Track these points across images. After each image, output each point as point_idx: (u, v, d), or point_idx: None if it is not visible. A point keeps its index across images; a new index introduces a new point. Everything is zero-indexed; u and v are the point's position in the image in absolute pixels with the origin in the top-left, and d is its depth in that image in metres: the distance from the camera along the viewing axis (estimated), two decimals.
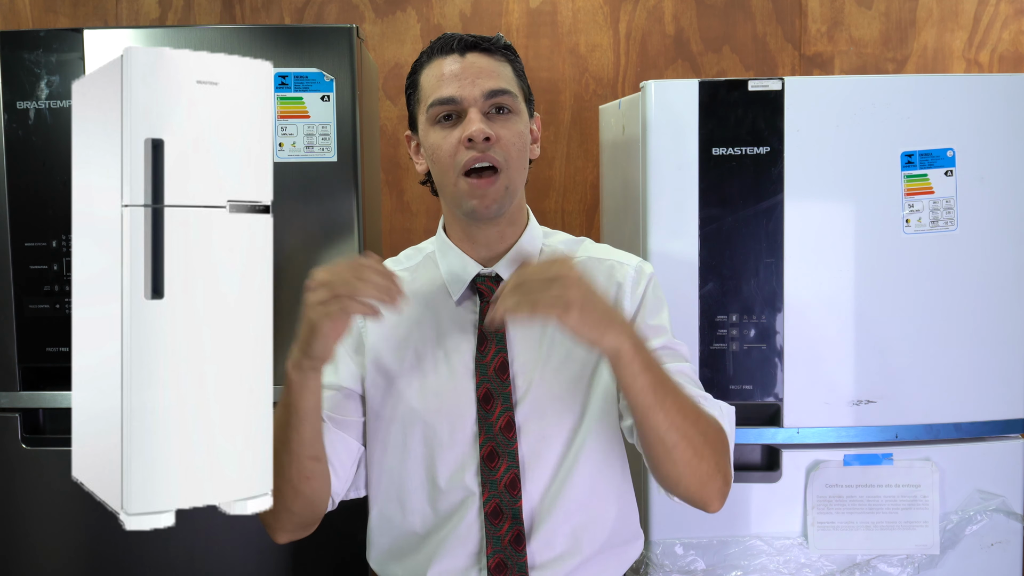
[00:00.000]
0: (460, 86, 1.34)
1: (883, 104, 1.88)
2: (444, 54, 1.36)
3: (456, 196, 1.37)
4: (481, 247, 1.42)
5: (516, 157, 1.36)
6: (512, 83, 1.38)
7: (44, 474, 1.89)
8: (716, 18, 2.65)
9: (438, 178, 1.39)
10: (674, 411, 1.23)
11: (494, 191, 1.34)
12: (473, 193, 1.34)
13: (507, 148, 1.34)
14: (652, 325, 1.41)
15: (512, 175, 1.36)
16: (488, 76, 1.35)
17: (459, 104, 1.34)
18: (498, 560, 1.34)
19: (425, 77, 1.38)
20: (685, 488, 1.30)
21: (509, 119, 1.36)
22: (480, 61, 1.36)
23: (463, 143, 1.33)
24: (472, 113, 1.33)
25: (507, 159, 1.35)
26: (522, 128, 1.38)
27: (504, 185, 1.35)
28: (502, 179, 1.35)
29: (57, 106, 1.84)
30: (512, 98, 1.36)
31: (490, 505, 1.35)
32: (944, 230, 1.90)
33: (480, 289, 1.41)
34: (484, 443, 1.35)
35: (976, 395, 1.92)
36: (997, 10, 2.65)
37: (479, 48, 1.36)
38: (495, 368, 1.37)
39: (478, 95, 1.34)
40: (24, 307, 1.86)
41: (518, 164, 1.37)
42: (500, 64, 1.37)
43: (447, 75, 1.35)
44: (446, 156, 1.35)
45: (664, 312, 1.44)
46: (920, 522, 1.91)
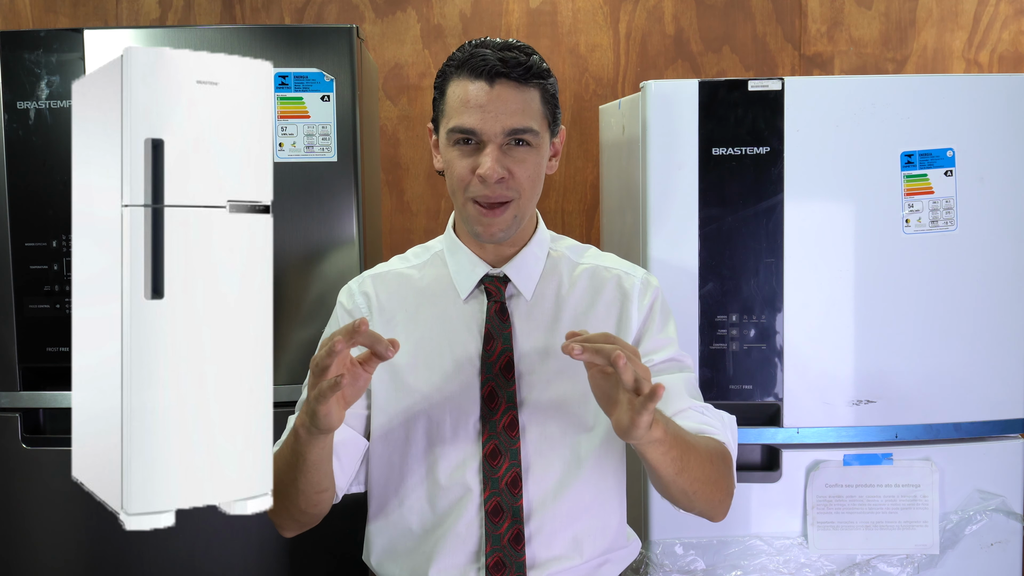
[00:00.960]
0: (483, 119, 1.32)
1: (883, 104, 1.88)
2: (474, 76, 1.33)
3: (464, 215, 1.39)
4: (489, 250, 1.44)
5: (529, 189, 1.37)
6: (536, 116, 1.35)
7: (44, 474, 1.89)
8: (716, 18, 2.65)
9: (450, 190, 1.41)
10: (695, 467, 1.28)
11: (501, 221, 1.36)
12: (480, 221, 1.36)
13: (521, 183, 1.35)
14: (660, 338, 1.44)
15: (523, 205, 1.38)
16: (512, 113, 1.32)
17: (478, 137, 1.34)
18: (497, 559, 1.35)
19: (451, 93, 1.36)
20: (699, 511, 1.37)
21: (528, 154, 1.35)
22: (507, 93, 1.32)
23: (476, 177, 1.34)
24: (489, 150, 1.32)
25: (519, 192, 1.36)
26: (539, 160, 1.38)
27: (513, 215, 1.37)
28: (512, 209, 1.37)
29: (57, 106, 1.84)
30: (533, 135, 1.35)
31: (491, 503, 1.35)
32: (944, 230, 1.90)
33: (488, 289, 1.42)
34: (487, 441, 1.36)
35: (976, 395, 1.92)
36: (997, 10, 2.65)
37: (509, 77, 1.32)
38: (500, 367, 1.38)
39: (498, 131, 1.32)
40: (24, 307, 1.86)
41: (530, 195, 1.38)
42: (529, 95, 1.34)
43: (472, 103, 1.32)
44: (458, 180, 1.36)
45: (671, 324, 1.47)
46: (920, 522, 1.91)
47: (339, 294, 1.48)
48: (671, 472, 1.25)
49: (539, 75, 1.35)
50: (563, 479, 1.38)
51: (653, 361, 1.42)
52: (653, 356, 1.42)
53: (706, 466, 1.30)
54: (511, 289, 1.43)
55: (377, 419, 1.41)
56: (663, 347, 1.43)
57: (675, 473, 1.25)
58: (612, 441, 1.41)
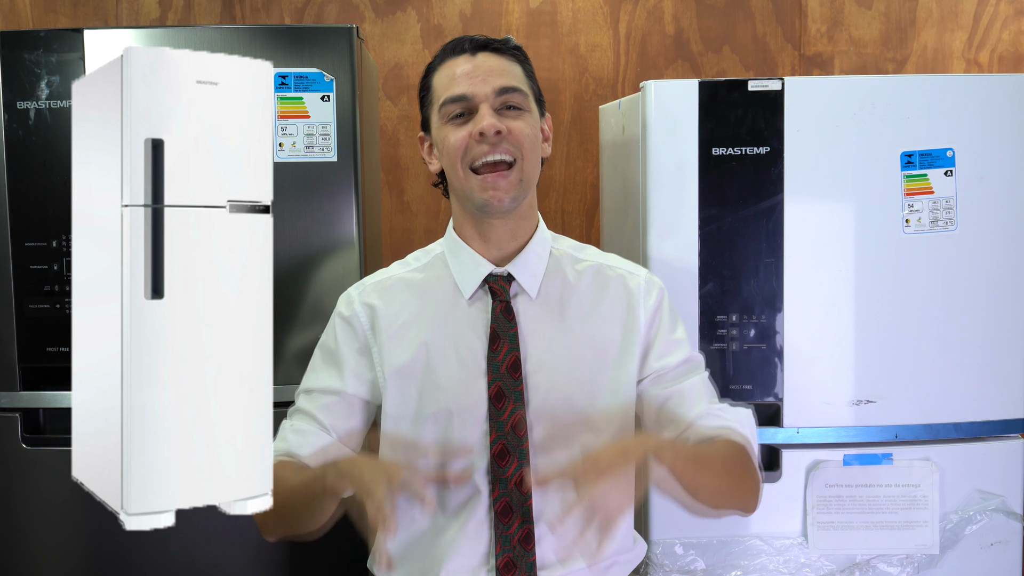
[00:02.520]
0: (471, 84, 1.35)
1: (883, 104, 1.88)
2: (456, 55, 1.39)
3: (467, 191, 1.37)
4: (493, 246, 1.42)
5: (530, 149, 1.37)
6: (523, 82, 1.40)
7: (44, 474, 1.89)
8: (716, 18, 2.65)
9: (449, 174, 1.40)
10: (710, 481, 1.29)
11: (507, 183, 1.36)
12: (484, 186, 1.35)
13: (520, 140, 1.36)
14: (672, 340, 1.44)
15: (526, 167, 1.37)
16: (499, 74, 1.37)
17: (470, 101, 1.35)
18: (507, 559, 1.34)
19: (437, 78, 1.40)
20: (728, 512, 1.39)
21: (520, 115, 1.38)
22: (490, 60, 1.38)
23: (474, 138, 1.34)
24: (483, 109, 1.35)
25: (520, 150, 1.36)
26: (533, 123, 1.40)
27: (518, 178, 1.37)
28: (516, 172, 1.36)
29: (57, 106, 1.84)
30: (523, 96, 1.38)
31: (500, 503, 1.35)
32: (944, 230, 1.90)
33: (492, 288, 1.41)
34: (495, 441, 1.35)
35: (976, 395, 1.92)
36: (997, 10, 2.65)
37: (490, 48, 1.38)
38: (507, 366, 1.37)
39: (489, 92, 1.35)
40: (24, 307, 1.86)
41: (532, 157, 1.38)
42: (510, 63, 1.40)
43: (459, 74, 1.37)
44: (455, 149, 1.36)
45: (680, 325, 1.48)
46: (920, 522, 1.91)
47: (338, 301, 1.47)
48: (688, 496, 1.26)
49: (517, 50, 1.42)
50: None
51: (668, 366, 1.42)
52: (668, 360, 1.42)
53: (722, 477, 1.31)
54: (515, 288, 1.42)
55: (384, 423, 1.41)
56: (676, 350, 1.44)
57: (692, 495, 1.27)
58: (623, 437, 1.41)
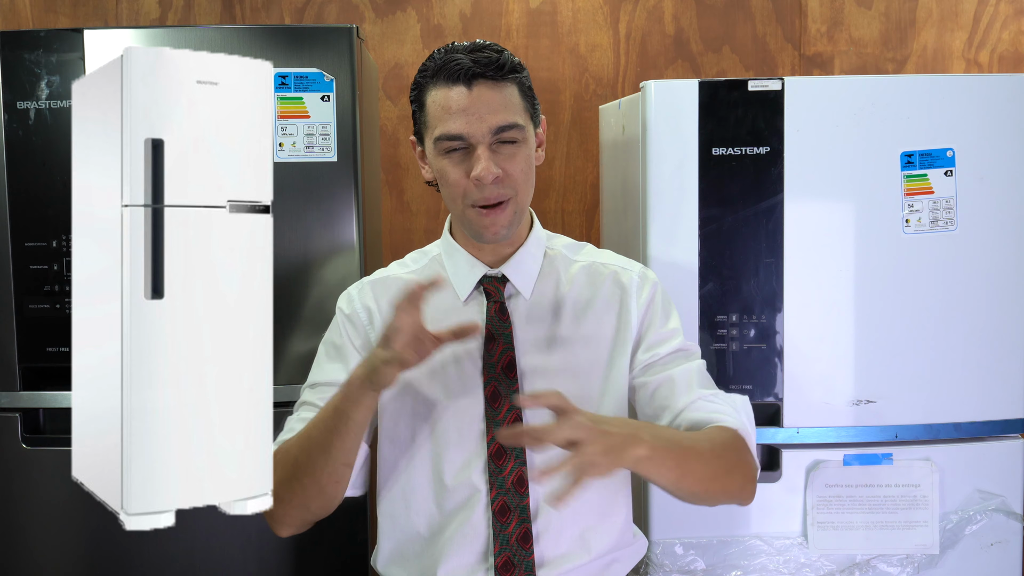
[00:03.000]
0: (468, 123, 1.33)
1: (883, 104, 1.88)
2: (450, 82, 1.35)
3: (464, 221, 1.40)
4: (488, 249, 1.45)
5: (523, 183, 1.39)
6: (519, 111, 1.37)
7: (44, 474, 1.89)
8: (716, 18, 2.65)
9: (447, 201, 1.42)
10: (698, 467, 1.28)
11: (503, 219, 1.38)
12: (482, 223, 1.37)
13: (516, 179, 1.37)
14: (664, 331, 1.45)
15: (520, 200, 1.39)
16: (495, 111, 1.34)
17: (466, 141, 1.35)
18: (505, 559, 1.35)
19: (432, 102, 1.37)
20: (721, 503, 1.38)
21: (517, 148, 1.37)
22: (487, 94, 1.34)
23: (472, 182, 1.35)
24: (480, 151, 1.34)
25: (515, 189, 1.37)
26: (528, 154, 1.40)
27: (513, 211, 1.39)
28: (511, 205, 1.38)
29: (57, 106, 1.84)
30: (519, 130, 1.36)
31: (498, 503, 1.36)
32: (944, 230, 1.90)
33: (487, 289, 1.43)
34: (491, 441, 1.36)
35: (976, 395, 1.92)
36: (997, 10, 2.65)
37: (485, 77, 1.34)
38: (503, 366, 1.39)
39: (486, 131, 1.34)
40: (24, 307, 1.86)
41: (525, 189, 1.40)
42: (507, 90, 1.36)
43: (454, 109, 1.34)
44: (454, 187, 1.37)
45: (674, 315, 1.48)
46: (920, 522, 1.91)
47: (339, 300, 1.49)
48: (670, 481, 1.25)
49: (513, 69, 1.37)
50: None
51: (659, 355, 1.43)
52: (658, 350, 1.43)
53: (711, 463, 1.30)
54: (510, 289, 1.44)
55: (382, 423, 1.42)
56: (667, 339, 1.44)
57: (675, 480, 1.25)
58: None
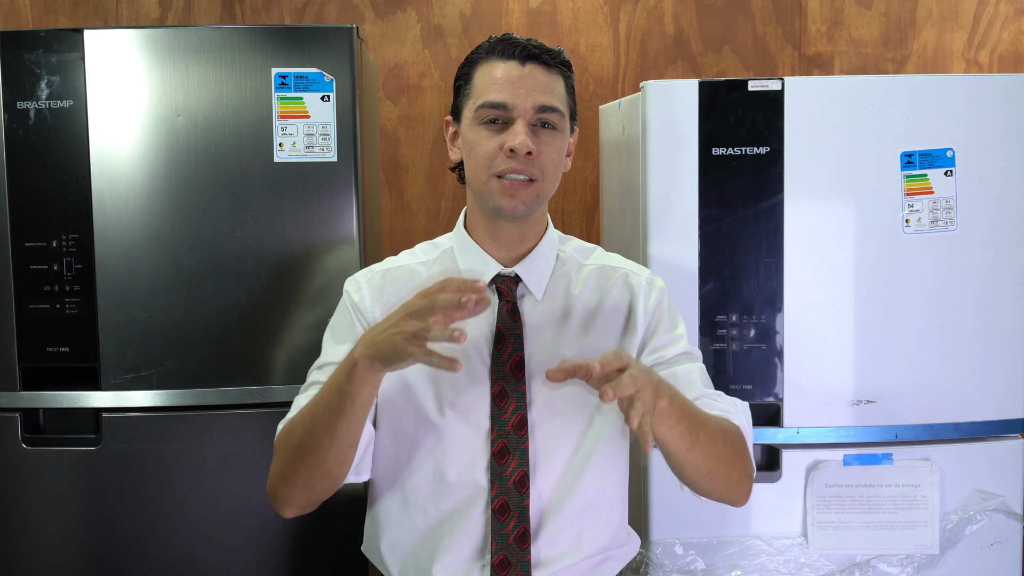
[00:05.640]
0: (514, 94, 1.36)
1: (883, 104, 1.88)
2: (504, 57, 1.38)
3: (485, 193, 1.39)
4: (503, 247, 1.44)
5: (552, 171, 1.40)
6: (563, 101, 1.40)
7: (44, 474, 1.89)
8: (716, 18, 2.65)
9: (470, 174, 1.42)
10: (707, 443, 1.29)
11: (525, 194, 1.38)
12: (504, 191, 1.37)
13: (545, 164, 1.38)
14: (671, 335, 1.46)
15: (545, 186, 1.40)
16: (542, 91, 1.37)
17: (508, 111, 1.36)
18: (502, 557, 1.35)
19: (480, 74, 1.40)
20: (718, 496, 1.38)
21: (553, 136, 1.39)
22: (538, 74, 1.38)
23: (504, 151, 1.35)
24: (519, 124, 1.35)
25: (543, 172, 1.38)
26: (562, 145, 1.41)
27: (536, 193, 1.39)
28: (535, 187, 1.38)
29: (57, 106, 1.84)
30: (559, 116, 1.39)
31: (498, 502, 1.36)
32: (944, 230, 1.90)
33: (500, 288, 1.43)
34: (496, 440, 1.37)
35: (976, 395, 1.92)
36: (997, 10, 2.65)
37: (539, 60, 1.38)
38: (511, 367, 1.39)
39: (529, 107, 1.36)
40: (24, 307, 1.86)
41: (552, 177, 1.41)
42: (556, 79, 1.40)
43: (502, 80, 1.36)
44: (484, 157, 1.37)
45: (680, 324, 1.49)
46: (920, 522, 1.91)
47: (346, 283, 1.47)
48: (682, 448, 1.26)
49: (564, 63, 1.42)
50: (569, 477, 1.39)
51: (665, 357, 1.43)
52: (664, 352, 1.44)
53: (719, 442, 1.31)
54: (522, 289, 1.44)
55: (386, 413, 1.41)
56: (673, 343, 1.45)
57: (686, 448, 1.26)
58: (617, 439, 1.43)
